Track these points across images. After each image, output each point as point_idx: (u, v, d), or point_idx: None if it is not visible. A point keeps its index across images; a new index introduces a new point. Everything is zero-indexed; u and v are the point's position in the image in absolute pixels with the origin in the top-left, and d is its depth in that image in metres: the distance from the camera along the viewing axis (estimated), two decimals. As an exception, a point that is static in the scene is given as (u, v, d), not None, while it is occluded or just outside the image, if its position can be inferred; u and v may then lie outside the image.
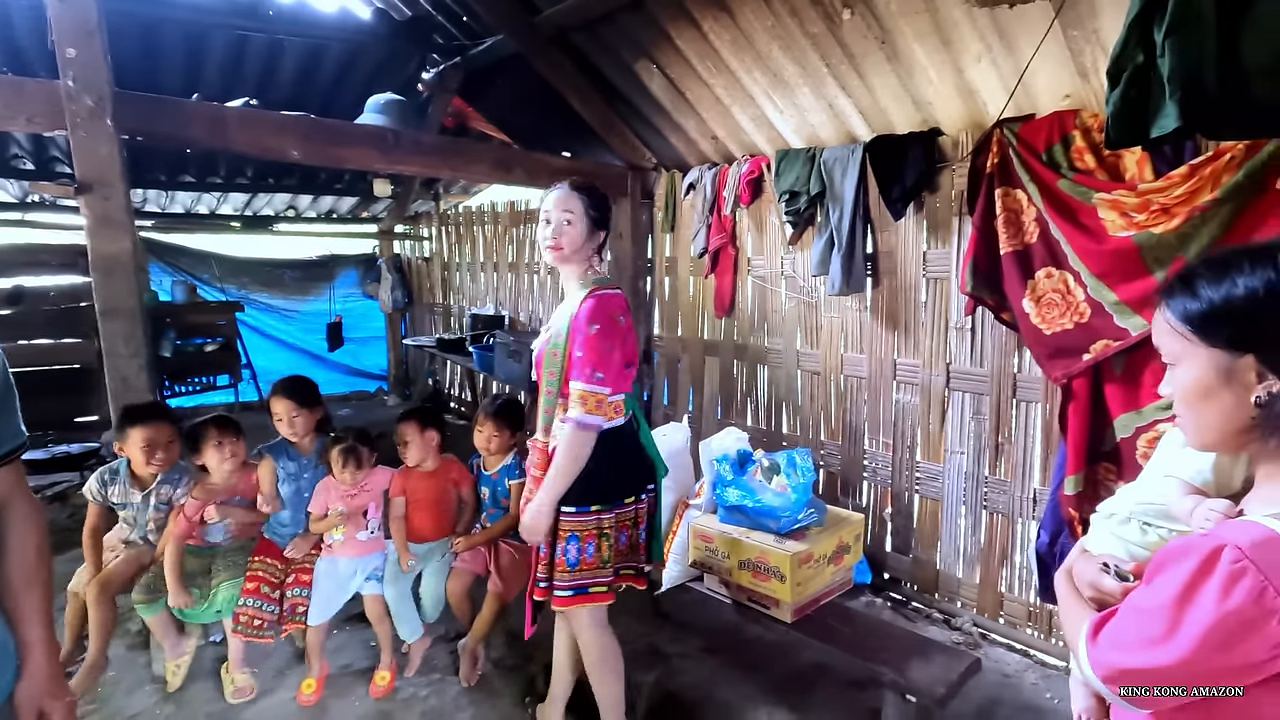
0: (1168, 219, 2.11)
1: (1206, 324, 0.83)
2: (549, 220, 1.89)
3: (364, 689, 2.47)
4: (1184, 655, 0.74)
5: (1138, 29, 1.71)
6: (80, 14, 2.39)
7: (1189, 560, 0.75)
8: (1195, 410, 0.87)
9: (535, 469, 1.91)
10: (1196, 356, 0.85)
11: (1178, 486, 1.02)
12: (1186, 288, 0.86)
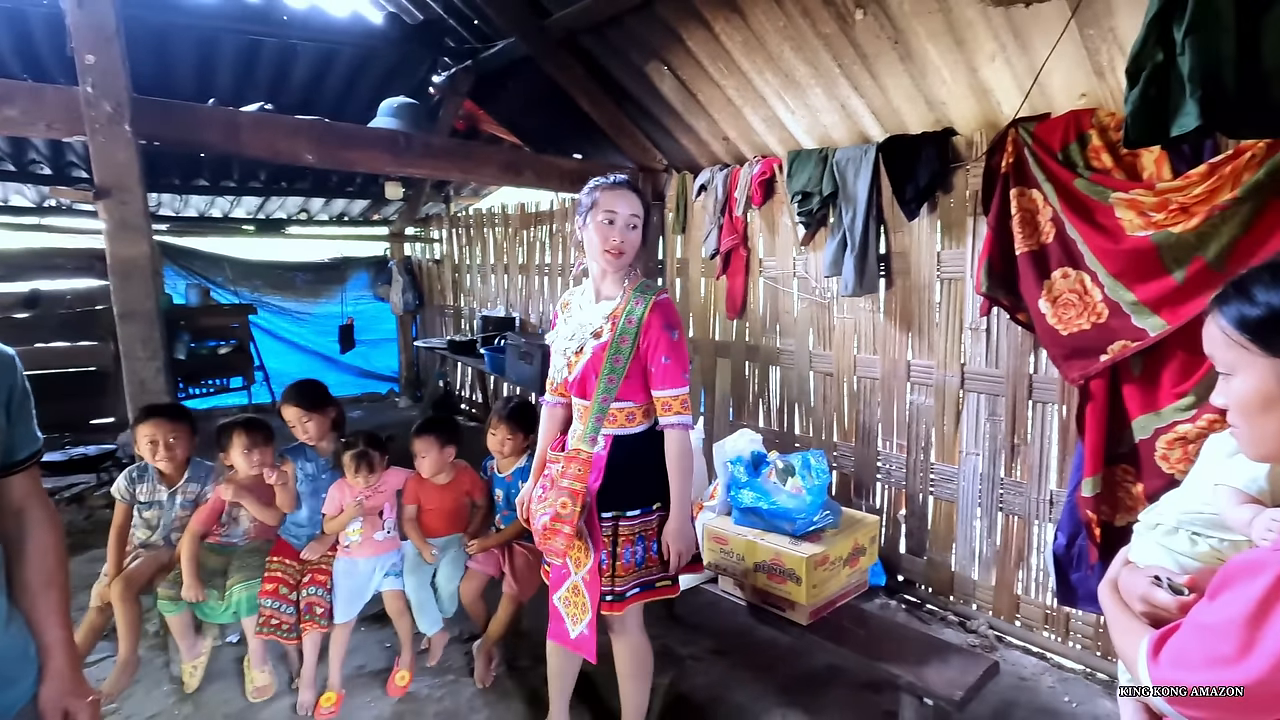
0: (1186, 218, 2.09)
1: (1267, 331, 0.80)
2: (613, 221, 1.77)
3: (379, 689, 2.48)
4: (1260, 676, 0.70)
5: (1157, 28, 1.70)
6: (99, 21, 2.42)
7: (1264, 576, 0.72)
8: (1254, 421, 0.83)
9: (572, 480, 1.82)
10: (1255, 366, 0.82)
11: (1231, 495, 0.97)
12: (1242, 294, 0.83)
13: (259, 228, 6.63)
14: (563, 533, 1.79)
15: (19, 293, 5.66)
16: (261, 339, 6.30)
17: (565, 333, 1.90)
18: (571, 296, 1.98)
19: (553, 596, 1.94)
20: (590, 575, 1.85)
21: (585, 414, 1.86)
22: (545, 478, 1.95)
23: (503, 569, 2.56)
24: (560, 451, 1.91)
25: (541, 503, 1.89)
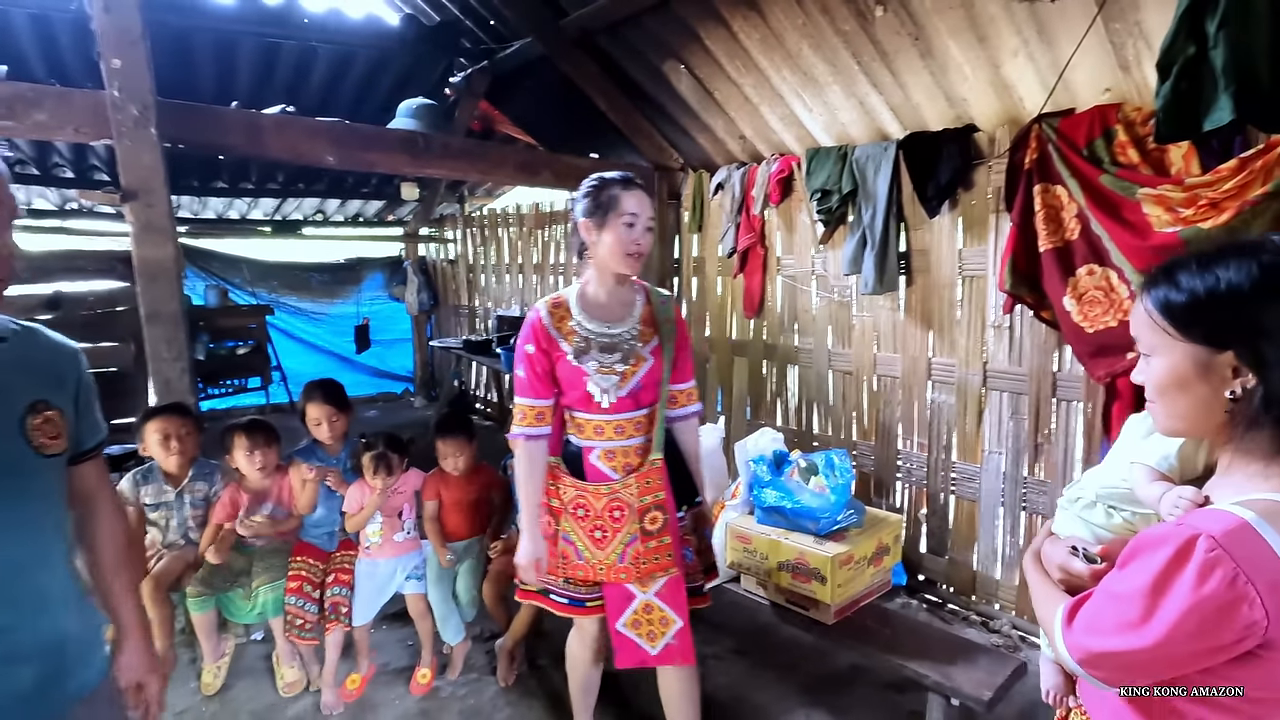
0: (1216, 214, 2.06)
1: (1187, 318, 0.84)
2: (633, 224, 1.69)
3: (403, 687, 2.49)
4: (1159, 639, 0.76)
5: (1188, 21, 1.69)
6: (124, 25, 2.44)
7: (1165, 548, 0.77)
8: (1169, 400, 0.88)
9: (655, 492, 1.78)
10: (1174, 350, 0.85)
11: (1145, 473, 1.03)
12: (1169, 280, 0.86)
13: (276, 229, 6.68)
14: (665, 546, 1.76)
15: (42, 294, 5.73)
16: (278, 339, 6.35)
17: (599, 346, 1.74)
18: (555, 311, 1.79)
19: (614, 625, 1.81)
20: (668, 585, 1.79)
21: (641, 424, 1.79)
22: (584, 517, 1.79)
23: (525, 568, 2.56)
24: (580, 480, 1.80)
25: (601, 543, 1.78)
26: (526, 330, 1.78)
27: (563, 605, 1.88)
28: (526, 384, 1.77)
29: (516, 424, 1.79)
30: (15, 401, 1.01)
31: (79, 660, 1.09)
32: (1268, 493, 0.79)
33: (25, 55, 3.53)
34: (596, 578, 1.81)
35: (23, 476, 1.01)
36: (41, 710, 1.03)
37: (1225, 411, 0.83)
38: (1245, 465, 0.84)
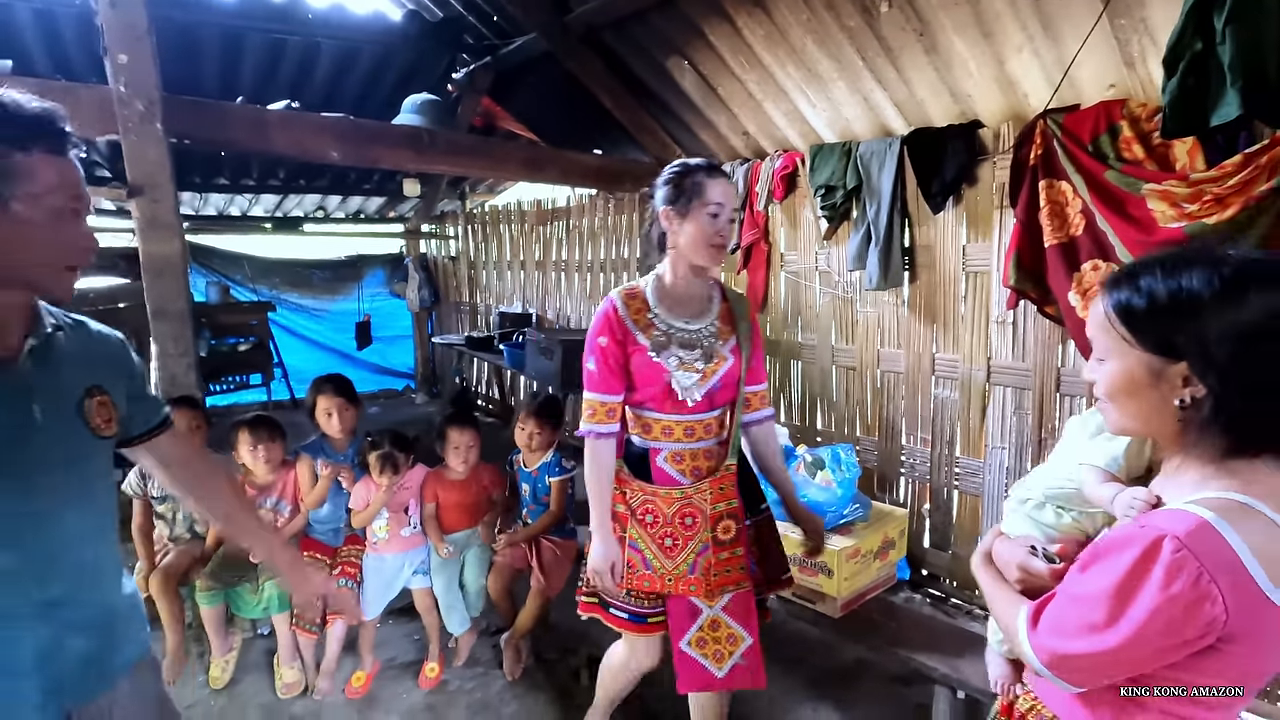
0: (1221, 209, 2.07)
1: (1144, 325, 0.85)
2: (718, 214, 1.60)
3: (410, 681, 2.51)
4: (1127, 639, 0.78)
5: (1195, 17, 1.70)
6: (130, 20, 2.44)
7: (1130, 550, 0.78)
8: (1121, 404, 0.90)
9: (728, 500, 1.71)
10: (1127, 355, 0.87)
11: (1095, 474, 1.05)
12: (1131, 284, 0.87)
13: (276, 225, 6.68)
14: (737, 558, 1.67)
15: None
16: (280, 336, 6.36)
17: (678, 342, 1.64)
18: (631, 303, 1.68)
19: (678, 645, 1.68)
20: (736, 600, 1.69)
21: (712, 426, 1.69)
22: (653, 523, 1.69)
23: (530, 563, 2.57)
24: (648, 484, 1.69)
25: (671, 552, 1.67)
26: (599, 321, 1.66)
27: (622, 621, 1.74)
28: (598, 378, 1.65)
29: (585, 420, 1.67)
30: (74, 386, 1.07)
31: (125, 633, 1.15)
32: (1220, 491, 0.80)
33: (28, 49, 3.52)
34: (664, 589, 1.68)
35: (83, 456, 1.07)
36: (95, 680, 1.08)
37: (1175, 419, 0.85)
38: (1196, 467, 0.85)
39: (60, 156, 0.96)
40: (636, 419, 1.72)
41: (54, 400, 1.03)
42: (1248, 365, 0.79)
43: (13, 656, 0.98)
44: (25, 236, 0.94)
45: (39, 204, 0.93)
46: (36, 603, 1.00)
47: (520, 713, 2.36)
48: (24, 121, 0.93)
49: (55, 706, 1.02)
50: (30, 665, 1.00)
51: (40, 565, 1.01)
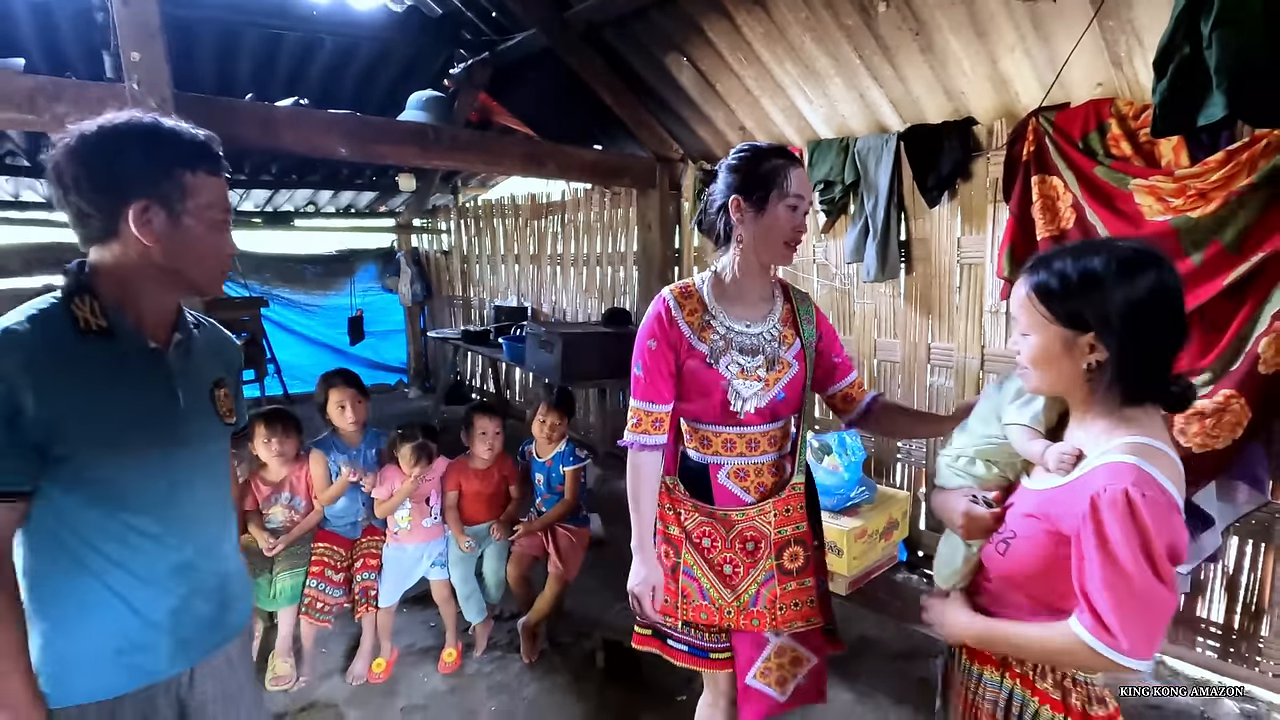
0: (1204, 203, 2.19)
1: (1057, 303, 1.04)
2: (796, 208, 1.44)
3: (429, 666, 2.57)
4: (1172, 587, 0.94)
5: (1184, 22, 1.79)
6: (143, 18, 2.45)
7: (1111, 515, 0.94)
8: (1041, 369, 1.09)
9: (795, 523, 1.55)
10: (1045, 330, 1.06)
11: (1023, 432, 1.19)
12: (1046, 269, 1.06)
13: (267, 220, 6.64)
14: (806, 589, 1.54)
15: (33, 289, 5.67)
16: (272, 332, 6.33)
17: (738, 348, 1.48)
18: (685, 302, 1.50)
19: (745, 680, 1.53)
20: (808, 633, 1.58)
21: (776, 438, 1.53)
22: (710, 548, 1.53)
23: (546, 550, 2.64)
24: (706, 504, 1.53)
25: (731, 581, 1.52)
26: (649, 322, 1.50)
27: (683, 655, 1.56)
28: (645, 384, 1.48)
29: (630, 430, 1.50)
30: (207, 377, 1.21)
31: (237, 599, 1.27)
32: (1125, 437, 1.00)
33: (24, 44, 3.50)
34: (723, 623, 1.51)
35: (213, 439, 1.21)
36: (217, 639, 1.21)
37: (1084, 379, 1.05)
38: (1102, 418, 1.06)
39: (217, 176, 1.11)
40: (694, 432, 1.54)
41: (193, 387, 1.16)
42: (1137, 331, 1.00)
43: (153, 612, 1.11)
44: (191, 244, 1.08)
45: (202, 216, 1.08)
46: (172, 566, 1.13)
47: (539, 694, 2.43)
48: (191, 146, 1.07)
49: (184, 659, 1.15)
50: (166, 622, 1.12)
51: (176, 532, 1.13)
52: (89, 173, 1.02)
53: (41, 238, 5.82)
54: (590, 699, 2.39)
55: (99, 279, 1.07)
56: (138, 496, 1.08)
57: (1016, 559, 1.09)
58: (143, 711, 1.10)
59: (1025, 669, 1.11)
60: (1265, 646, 2.41)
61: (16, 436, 0.97)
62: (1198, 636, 2.56)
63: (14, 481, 0.99)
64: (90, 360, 1.04)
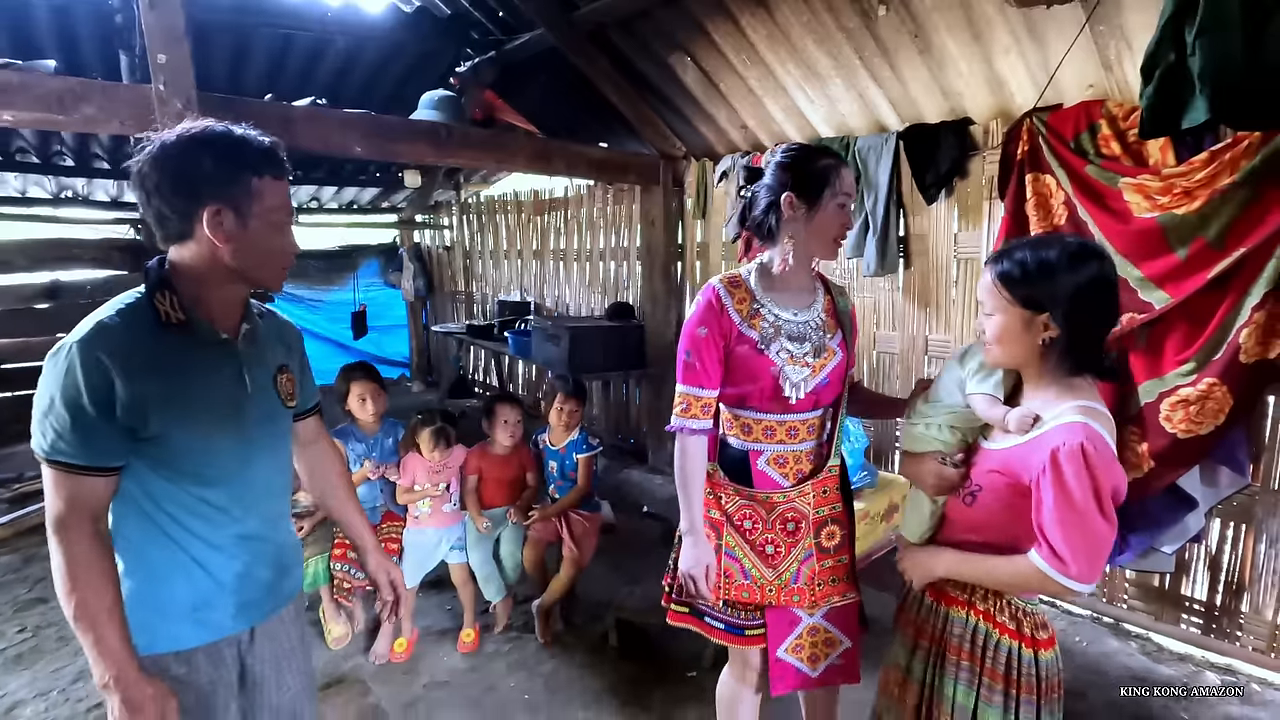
0: (1189, 201, 2.30)
1: (1017, 288, 1.22)
2: (845, 205, 1.51)
3: (449, 646, 2.68)
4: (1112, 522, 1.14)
5: (1170, 31, 1.90)
6: (169, 21, 2.52)
7: (1071, 466, 1.12)
8: (1003, 345, 1.27)
9: (832, 504, 1.61)
10: (1006, 312, 1.25)
11: (986, 400, 1.34)
12: (1009, 257, 1.25)
13: (270, 216, 6.69)
14: (842, 566, 1.61)
15: (40, 284, 5.72)
16: (278, 326, 6.39)
17: (786, 335, 1.53)
18: (735, 291, 1.56)
19: (775, 653, 1.61)
20: (841, 610, 1.64)
21: (815, 426, 1.58)
22: (752, 530, 1.59)
23: (560, 535, 2.75)
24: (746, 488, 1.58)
25: (773, 561, 1.58)
26: (700, 309, 1.55)
27: (718, 631, 1.63)
28: (696, 370, 1.52)
29: (678, 415, 1.54)
30: (271, 363, 1.30)
31: (291, 568, 1.38)
32: (1073, 401, 1.19)
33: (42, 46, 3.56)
34: (764, 600, 1.58)
35: (276, 420, 1.31)
36: (274, 603, 1.32)
37: (1039, 353, 1.23)
38: (1052, 386, 1.24)
39: (281, 180, 1.18)
40: (735, 419, 1.59)
41: (259, 372, 1.26)
42: (1081, 311, 1.19)
43: (222, 575, 1.21)
44: (257, 244, 1.16)
45: (267, 219, 1.16)
46: (237, 535, 1.23)
47: (555, 671, 2.54)
48: (259, 152, 1.15)
49: (245, 619, 1.26)
50: (232, 584, 1.23)
51: (242, 504, 1.23)
52: (169, 179, 1.10)
53: (47, 233, 5.87)
54: (605, 676, 2.50)
55: (177, 276, 1.16)
56: (210, 473, 1.18)
57: (982, 508, 1.29)
58: (213, 662, 1.21)
59: (987, 606, 1.29)
60: (1245, 622, 2.54)
61: (111, 418, 1.07)
62: (1182, 614, 2.69)
63: (110, 458, 1.10)
64: (171, 350, 1.14)
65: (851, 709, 1.90)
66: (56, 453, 1.07)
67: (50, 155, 4.92)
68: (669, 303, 4.52)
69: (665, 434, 4.67)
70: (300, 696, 1.39)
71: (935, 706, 1.35)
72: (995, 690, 1.27)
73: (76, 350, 1.06)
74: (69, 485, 1.08)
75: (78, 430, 1.06)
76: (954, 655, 1.32)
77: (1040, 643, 1.27)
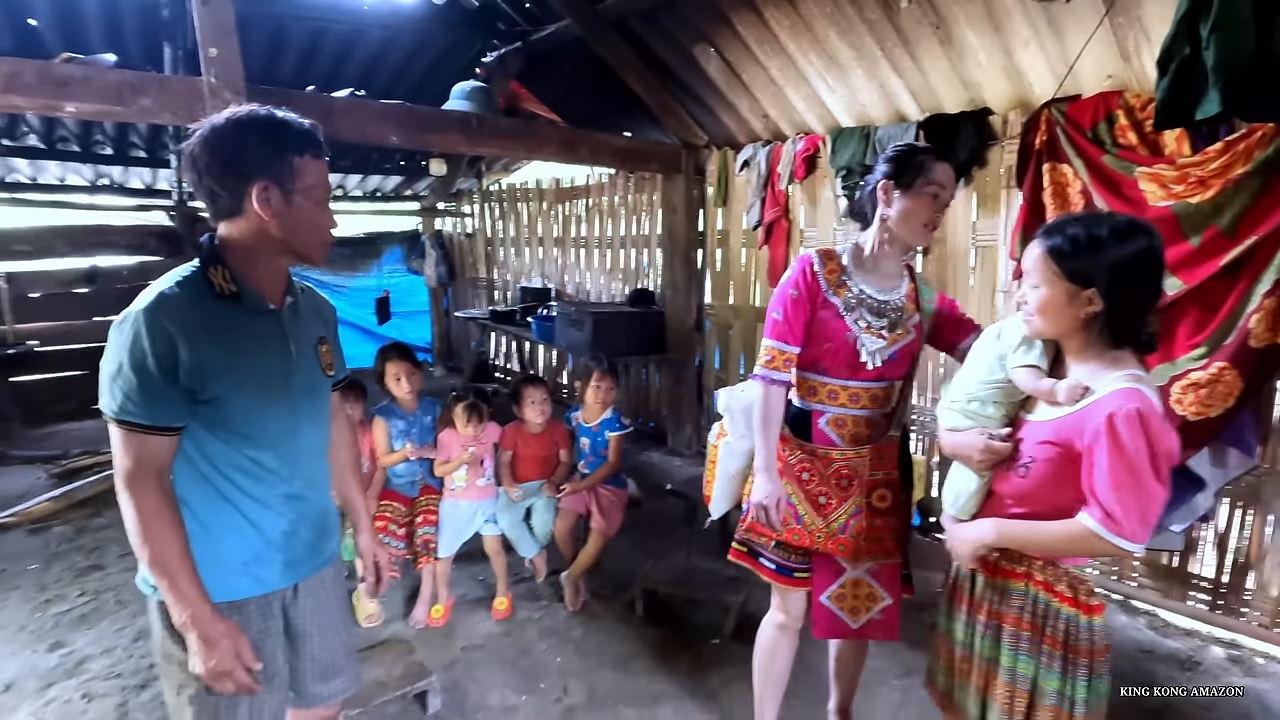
0: (1204, 190, 2.37)
1: (1066, 262, 1.25)
2: (938, 196, 1.62)
3: (483, 614, 2.82)
4: (1165, 479, 1.18)
5: (1185, 25, 1.97)
6: (220, 17, 2.65)
7: (1129, 429, 1.16)
8: (1046, 316, 1.30)
9: (888, 470, 1.73)
10: (1054, 285, 1.27)
11: (1032, 373, 1.36)
12: (1060, 233, 1.27)
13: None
14: (890, 527, 1.73)
15: (79, 269, 5.93)
16: (306, 311, 6.56)
17: (868, 308, 1.67)
18: (827, 262, 1.71)
19: (819, 597, 1.76)
20: (884, 568, 1.76)
21: (878, 397, 1.71)
22: (809, 480, 1.72)
23: (589, 508, 2.88)
24: (806, 443, 1.72)
25: (825, 510, 1.71)
26: (793, 274, 1.70)
27: (770, 571, 1.78)
28: (783, 327, 1.68)
29: (762, 366, 1.70)
30: (312, 335, 1.37)
31: (331, 531, 1.46)
32: (1121, 370, 1.23)
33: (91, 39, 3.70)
34: (813, 545, 1.72)
35: (318, 389, 1.39)
36: (316, 562, 1.41)
37: (1081, 326, 1.26)
38: (1094, 359, 1.28)
39: (319, 159, 1.24)
40: (802, 381, 1.73)
41: (302, 343, 1.33)
42: (1127, 286, 1.23)
43: (271, 532, 1.30)
44: (302, 219, 1.23)
45: (309, 195, 1.22)
46: (284, 495, 1.31)
47: (585, 636, 2.68)
48: (299, 133, 1.21)
49: (290, 575, 1.35)
50: (280, 541, 1.32)
51: (289, 466, 1.31)
52: (219, 159, 1.17)
53: (85, 220, 6.05)
54: (631, 641, 2.64)
55: (227, 251, 1.23)
56: (261, 435, 1.26)
57: (1035, 479, 1.31)
58: (263, 614, 1.31)
59: (1045, 576, 1.33)
60: (1251, 599, 2.63)
61: (174, 381, 1.15)
62: (1190, 591, 2.78)
63: (173, 418, 1.17)
64: (224, 319, 1.21)
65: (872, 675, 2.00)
66: (125, 413, 1.13)
67: (90, 144, 5.08)
68: (689, 289, 4.62)
69: (684, 417, 4.79)
70: (339, 652, 1.47)
71: (991, 679, 1.38)
72: (1055, 657, 1.31)
73: (142, 318, 1.12)
74: (136, 444, 1.15)
75: (144, 392, 1.12)
76: (1012, 626, 1.35)
77: (1093, 608, 1.31)
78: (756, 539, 1.79)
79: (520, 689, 2.37)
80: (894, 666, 2.47)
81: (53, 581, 3.12)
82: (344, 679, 1.49)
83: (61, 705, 2.29)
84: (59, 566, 3.27)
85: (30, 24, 3.51)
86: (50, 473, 4.47)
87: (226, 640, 1.19)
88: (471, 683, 2.40)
